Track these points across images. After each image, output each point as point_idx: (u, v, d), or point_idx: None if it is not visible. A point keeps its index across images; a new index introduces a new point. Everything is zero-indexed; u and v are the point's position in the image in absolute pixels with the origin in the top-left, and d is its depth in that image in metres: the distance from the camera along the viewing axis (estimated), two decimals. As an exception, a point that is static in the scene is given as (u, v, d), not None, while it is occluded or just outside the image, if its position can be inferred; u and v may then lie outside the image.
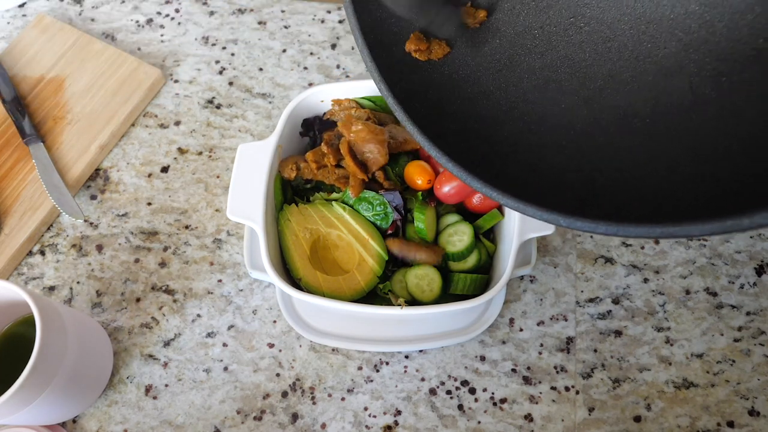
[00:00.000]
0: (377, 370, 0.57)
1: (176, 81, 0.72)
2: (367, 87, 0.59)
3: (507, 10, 0.41)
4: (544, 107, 0.38)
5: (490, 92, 0.39)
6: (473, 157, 0.35)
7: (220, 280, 0.61)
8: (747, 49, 0.32)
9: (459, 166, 0.34)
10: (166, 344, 0.58)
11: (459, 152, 0.35)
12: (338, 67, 0.72)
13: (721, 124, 0.31)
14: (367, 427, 0.55)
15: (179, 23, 0.75)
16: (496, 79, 0.39)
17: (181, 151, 0.68)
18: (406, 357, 0.57)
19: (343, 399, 0.56)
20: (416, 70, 0.41)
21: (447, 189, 0.54)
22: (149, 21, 0.76)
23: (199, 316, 0.59)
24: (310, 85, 0.71)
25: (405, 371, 0.57)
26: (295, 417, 0.55)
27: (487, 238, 0.57)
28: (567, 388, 0.56)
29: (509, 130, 0.37)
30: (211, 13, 0.76)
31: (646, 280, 0.60)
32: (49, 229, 0.64)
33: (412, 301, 0.54)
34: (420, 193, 0.55)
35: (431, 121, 0.37)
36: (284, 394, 0.56)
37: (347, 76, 0.71)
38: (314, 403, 0.56)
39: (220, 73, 0.72)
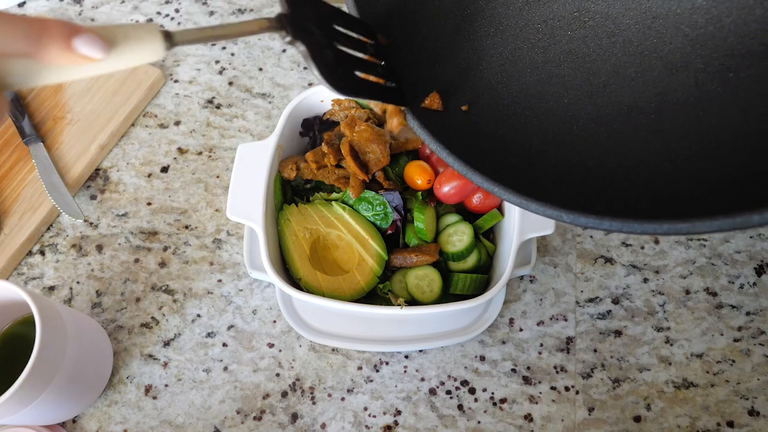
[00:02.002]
0: (377, 370, 0.57)
1: (176, 81, 0.72)
2: (367, 87, 0.59)
3: (510, 5, 0.40)
4: (547, 102, 0.37)
5: (491, 86, 0.39)
6: (474, 151, 0.35)
7: (220, 280, 0.61)
8: (755, 45, 0.31)
9: (459, 159, 0.34)
10: (166, 344, 0.58)
11: (459, 146, 0.35)
12: (338, 67, 0.72)
13: (728, 121, 0.31)
14: (367, 427, 0.55)
15: (179, 23, 0.75)
16: (498, 73, 0.39)
17: (180, 151, 0.68)
18: (406, 357, 0.57)
19: (343, 399, 0.56)
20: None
21: (447, 189, 0.54)
22: (149, 21, 0.76)
23: (199, 316, 0.59)
24: (310, 85, 0.71)
25: (405, 371, 0.57)
26: (294, 417, 0.55)
27: (486, 238, 0.57)
28: (567, 388, 0.56)
29: (511, 125, 0.37)
30: (211, 13, 0.76)
31: (645, 280, 0.60)
32: (49, 229, 0.64)
33: (412, 301, 0.54)
34: (420, 193, 0.55)
35: (430, 114, 0.37)
36: (284, 394, 0.56)
37: (347, 76, 0.71)
38: (314, 403, 0.56)
39: (220, 73, 0.72)
